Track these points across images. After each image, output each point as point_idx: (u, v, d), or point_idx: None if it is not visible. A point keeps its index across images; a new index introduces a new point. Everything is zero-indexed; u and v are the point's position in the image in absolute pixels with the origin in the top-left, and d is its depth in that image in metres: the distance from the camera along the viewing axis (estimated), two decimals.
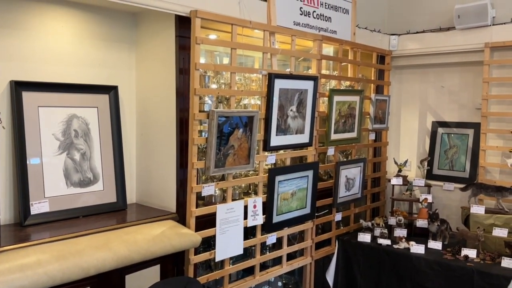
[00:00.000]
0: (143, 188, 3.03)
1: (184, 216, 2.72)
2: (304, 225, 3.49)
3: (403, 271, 3.46)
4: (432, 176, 4.27)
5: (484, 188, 3.60)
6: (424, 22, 4.26)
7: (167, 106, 2.77)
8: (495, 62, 3.84)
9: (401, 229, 3.71)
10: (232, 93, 2.83)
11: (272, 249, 3.43)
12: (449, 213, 4.06)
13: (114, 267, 2.20)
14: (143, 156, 3.02)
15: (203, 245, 3.10)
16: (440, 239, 3.64)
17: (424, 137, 4.47)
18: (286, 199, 3.27)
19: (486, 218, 3.50)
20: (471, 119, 4.15)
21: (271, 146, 3.10)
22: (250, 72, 3.25)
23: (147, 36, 2.93)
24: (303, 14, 3.38)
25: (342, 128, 3.73)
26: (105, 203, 2.75)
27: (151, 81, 2.93)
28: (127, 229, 2.45)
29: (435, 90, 4.38)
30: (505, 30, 3.75)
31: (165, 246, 2.41)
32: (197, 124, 2.62)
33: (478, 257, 3.32)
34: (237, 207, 2.90)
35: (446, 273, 3.26)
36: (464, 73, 4.19)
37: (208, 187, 2.71)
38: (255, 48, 3.05)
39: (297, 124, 3.28)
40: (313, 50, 3.48)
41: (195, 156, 2.63)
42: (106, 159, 2.77)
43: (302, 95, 3.27)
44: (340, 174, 3.70)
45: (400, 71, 4.56)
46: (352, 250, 3.75)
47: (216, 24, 2.86)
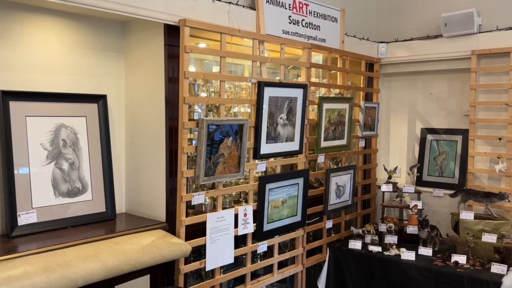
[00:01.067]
0: (132, 198, 3.01)
1: (174, 226, 2.70)
2: (295, 233, 3.48)
3: (394, 278, 3.47)
4: (421, 182, 4.30)
5: (473, 194, 3.63)
6: (412, 30, 4.31)
7: (156, 115, 2.76)
8: (482, 69, 3.89)
9: (391, 236, 3.72)
10: (222, 102, 2.83)
11: (263, 258, 3.42)
12: (439, 219, 4.09)
13: (103, 278, 2.18)
14: (132, 165, 3.00)
15: (194, 254, 3.08)
16: (430, 245, 3.66)
17: (413, 144, 4.50)
18: (277, 207, 3.27)
19: (476, 224, 3.52)
20: (460, 125, 4.19)
21: (261, 154, 3.11)
22: (239, 80, 3.26)
23: (136, 45, 2.93)
24: (292, 23, 3.40)
25: (332, 136, 3.74)
26: (94, 213, 2.72)
27: (140, 90, 2.92)
28: (116, 239, 2.43)
29: (424, 97, 4.42)
30: (491, 38, 3.80)
31: (155, 256, 2.39)
32: (186, 133, 2.62)
33: (468, 263, 3.34)
34: (228, 215, 2.89)
35: (436, 279, 3.27)
36: (452, 80, 4.24)
37: (198, 196, 2.70)
38: (244, 56, 3.06)
39: (287, 132, 3.29)
40: (302, 58, 3.50)
41: (184, 165, 2.62)
42: (95, 169, 2.75)
43: (291, 103, 3.29)
44: (331, 182, 3.71)
45: (389, 78, 4.60)
46: (343, 258, 3.75)
47: (205, 33, 2.86)
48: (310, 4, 3.57)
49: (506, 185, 3.75)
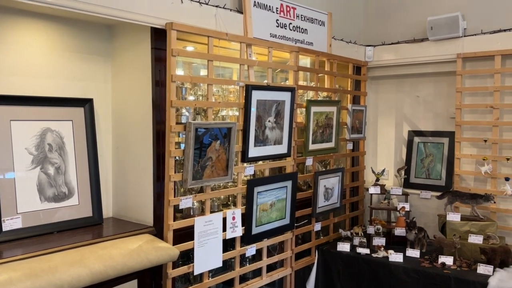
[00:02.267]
0: (119, 202, 2.99)
1: (161, 230, 2.69)
2: (283, 236, 3.49)
3: (382, 280, 3.48)
4: (409, 184, 4.33)
5: (459, 196, 3.67)
6: (399, 33, 4.35)
7: (143, 119, 2.75)
8: (467, 72, 3.94)
9: (379, 238, 3.73)
10: (209, 105, 2.83)
11: (252, 261, 3.41)
12: (426, 221, 4.12)
13: (89, 283, 2.16)
14: (120, 170, 2.98)
15: (182, 258, 3.07)
16: (418, 247, 3.68)
17: (400, 146, 4.54)
18: (265, 210, 3.27)
19: (462, 225, 3.56)
20: (446, 128, 4.24)
21: (249, 157, 3.11)
22: (227, 83, 3.26)
23: (123, 48, 2.91)
24: (279, 26, 3.41)
25: (320, 138, 3.76)
26: (81, 218, 2.70)
27: (127, 93, 2.90)
28: (103, 244, 2.41)
29: (411, 100, 4.46)
30: (476, 41, 3.85)
31: (142, 260, 2.38)
32: (173, 136, 2.61)
33: (455, 264, 3.37)
34: (216, 219, 2.88)
35: (424, 280, 3.29)
36: (438, 83, 4.28)
37: (185, 199, 2.69)
38: (232, 60, 3.06)
39: (275, 135, 3.29)
40: (290, 62, 3.52)
41: (172, 169, 2.61)
42: (81, 173, 2.73)
43: (279, 106, 3.29)
44: (319, 184, 3.72)
45: (376, 81, 4.64)
46: (332, 260, 3.76)
47: (193, 36, 2.86)
48: (298, 8, 3.58)
49: (492, 186, 3.79)
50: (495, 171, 3.76)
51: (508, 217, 3.77)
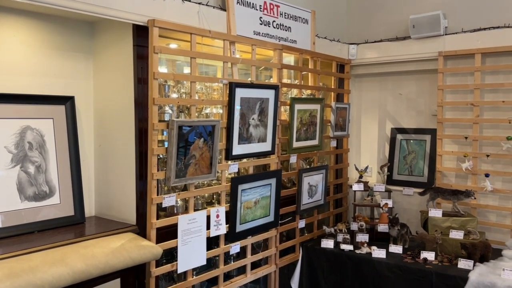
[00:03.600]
0: (102, 201, 2.96)
1: (144, 228, 2.67)
2: (268, 233, 3.50)
3: (365, 276, 3.52)
4: (392, 181, 4.38)
5: (441, 192, 3.72)
6: (382, 31, 4.39)
7: (125, 117, 2.73)
8: (449, 70, 3.99)
9: (363, 234, 3.77)
10: (193, 102, 2.82)
11: (237, 259, 3.42)
12: (409, 217, 4.17)
13: (70, 282, 2.13)
14: (102, 168, 2.95)
15: (166, 256, 3.06)
16: (400, 243, 3.73)
17: (383, 144, 4.58)
18: (250, 208, 3.27)
19: (444, 221, 3.61)
20: (428, 125, 4.29)
21: (233, 155, 3.11)
22: (210, 81, 3.25)
23: (105, 45, 2.88)
24: (263, 24, 3.41)
25: (304, 136, 3.77)
26: (62, 217, 2.67)
27: (109, 91, 2.88)
28: (85, 243, 2.38)
29: (394, 98, 4.51)
30: (457, 40, 3.91)
31: (125, 259, 2.36)
32: (156, 134, 2.59)
33: (437, 259, 3.41)
34: (200, 217, 2.88)
35: (406, 276, 3.33)
36: (421, 80, 4.33)
37: (169, 198, 2.67)
38: (215, 57, 3.06)
39: (259, 133, 3.30)
40: (274, 59, 3.52)
41: (155, 167, 2.60)
42: (62, 172, 2.70)
43: (263, 104, 3.30)
44: (303, 181, 3.74)
45: (359, 79, 4.67)
46: (316, 257, 3.78)
47: (176, 34, 2.84)
48: (281, 6, 3.59)
49: (472, 182, 3.85)
50: (475, 167, 3.82)
51: (488, 213, 3.84)
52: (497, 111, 3.79)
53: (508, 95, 3.71)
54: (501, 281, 2.93)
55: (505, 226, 3.74)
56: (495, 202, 3.81)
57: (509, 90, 3.71)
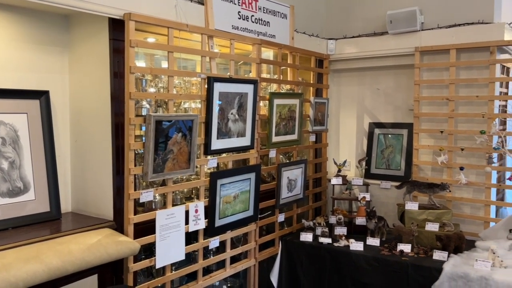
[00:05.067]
0: (78, 196, 2.93)
1: (122, 224, 2.65)
2: (247, 228, 3.51)
3: (343, 268, 3.56)
4: (370, 175, 4.44)
5: (417, 185, 3.78)
6: (360, 27, 4.43)
7: (102, 111, 2.69)
8: (425, 65, 4.05)
9: (341, 228, 3.82)
10: (170, 97, 2.80)
11: (216, 253, 3.42)
12: (386, 210, 4.23)
13: (46, 279, 2.11)
14: (78, 163, 2.91)
15: (145, 252, 3.05)
16: (378, 235, 3.79)
17: (362, 138, 4.64)
18: (229, 202, 3.28)
19: (420, 214, 3.68)
20: (405, 119, 4.36)
21: (212, 149, 3.10)
22: (188, 75, 3.23)
23: (80, 39, 2.84)
24: (241, 18, 3.41)
25: (283, 131, 3.79)
26: (38, 213, 2.63)
27: (85, 85, 2.84)
28: (61, 239, 2.36)
29: (372, 93, 4.56)
30: (433, 35, 3.97)
31: (102, 255, 2.34)
32: (133, 129, 2.57)
33: (413, 251, 3.48)
34: (178, 212, 2.87)
35: (383, 268, 3.39)
36: (398, 76, 4.39)
37: (146, 193, 2.66)
38: (193, 51, 3.04)
39: (238, 127, 3.30)
40: (252, 54, 3.52)
41: (131, 162, 2.58)
42: (37, 167, 2.65)
43: (242, 99, 3.30)
44: (282, 176, 3.76)
45: (338, 74, 4.71)
46: (295, 250, 3.82)
47: (154, 28, 2.82)
48: (260, 0, 3.58)
49: (448, 176, 3.93)
50: (450, 161, 3.90)
51: (462, 205, 3.93)
52: (471, 106, 3.87)
53: (482, 90, 3.79)
54: (474, 272, 3.01)
55: (478, 218, 3.83)
56: (469, 194, 3.90)
57: (483, 85, 3.79)
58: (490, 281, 2.91)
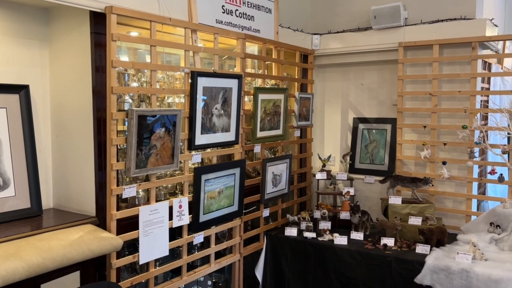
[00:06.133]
0: (60, 192, 2.89)
1: (104, 220, 2.63)
2: (232, 223, 3.50)
3: (327, 263, 3.58)
4: (354, 170, 4.46)
5: (400, 180, 3.82)
6: (344, 22, 4.44)
7: (83, 106, 2.66)
8: (408, 60, 4.08)
9: (325, 222, 3.84)
10: (153, 91, 2.77)
11: (201, 248, 3.41)
12: (370, 205, 4.26)
13: (25, 276, 2.07)
14: (60, 159, 2.87)
15: (129, 248, 3.02)
16: (362, 230, 3.82)
17: (346, 133, 4.66)
18: (213, 198, 3.27)
19: (403, 208, 3.71)
20: (389, 114, 4.39)
21: (196, 145, 3.08)
22: (171, 70, 3.20)
23: (61, 32, 2.79)
24: (225, 12, 3.38)
25: (268, 126, 3.79)
26: (18, 210, 2.58)
27: (66, 79, 2.79)
28: (41, 236, 2.32)
29: (356, 88, 4.58)
30: (416, 31, 4.00)
31: (83, 251, 2.31)
32: (115, 124, 2.54)
33: (396, 245, 3.51)
34: (162, 208, 2.85)
35: (367, 262, 3.42)
36: (382, 71, 4.41)
37: (129, 189, 2.64)
38: (176, 45, 3.01)
39: (222, 123, 3.29)
40: (237, 49, 3.50)
41: (114, 157, 2.55)
42: (17, 163, 2.60)
43: (226, 93, 3.28)
44: (267, 171, 3.76)
45: (323, 69, 4.72)
46: (280, 245, 3.82)
47: (137, 21, 2.79)
48: None
49: (431, 170, 3.98)
50: (433, 155, 3.94)
51: (445, 199, 3.98)
52: (453, 101, 3.91)
53: (464, 85, 3.84)
54: (455, 264, 3.05)
55: (460, 211, 3.89)
56: (452, 189, 3.95)
57: (465, 81, 3.83)
58: (471, 274, 2.96)
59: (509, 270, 2.92)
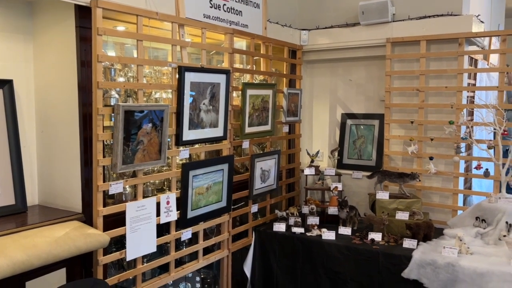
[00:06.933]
0: (46, 189, 2.85)
1: (91, 216, 2.60)
2: (220, 219, 3.50)
3: (315, 258, 3.60)
4: (342, 165, 4.48)
5: (388, 175, 3.84)
6: (332, 17, 4.43)
7: (69, 101, 2.62)
8: (396, 56, 4.10)
9: (313, 217, 3.85)
10: (139, 86, 2.74)
11: (189, 244, 3.40)
12: (358, 200, 4.28)
13: (10, 274, 2.04)
14: (45, 155, 2.83)
15: (116, 244, 3.00)
16: (349, 225, 3.84)
17: (334, 129, 4.67)
18: (201, 194, 3.25)
19: (390, 203, 3.73)
20: (377, 110, 4.40)
21: (183, 140, 3.06)
22: (158, 64, 3.17)
23: (45, 26, 2.74)
24: (213, 7, 3.36)
25: (256, 121, 3.78)
26: (2, 206, 2.54)
27: (51, 74, 2.75)
28: (26, 233, 2.29)
29: (344, 84, 4.59)
30: (404, 27, 4.02)
31: (69, 248, 2.29)
32: (101, 119, 2.51)
33: (383, 240, 3.54)
34: (149, 204, 2.83)
35: (354, 257, 3.43)
36: (370, 67, 4.42)
37: (115, 185, 2.61)
38: (163, 40, 2.98)
39: (210, 118, 3.27)
40: (225, 44, 3.48)
41: (100, 153, 2.52)
42: (1, 159, 2.56)
43: (214, 89, 3.26)
44: (255, 167, 3.76)
45: (311, 65, 4.71)
46: (268, 240, 3.83)
47: (123, 16, 2.75)
48: None
49: (418, 165, 4.00)
50: (420, 151, 3.96)
51: (432, 194, 4.01)
52: (440, 96, 3.94)
53: (451, 81, 3.86)
54: (441, 258, 3.08)
55: (447, 206, 3.92)
56: (438, 184, 3.98)
57: (452, 76, 3.86)
58: (457, 267, 2.99)
59: (494, 264, 2.96)
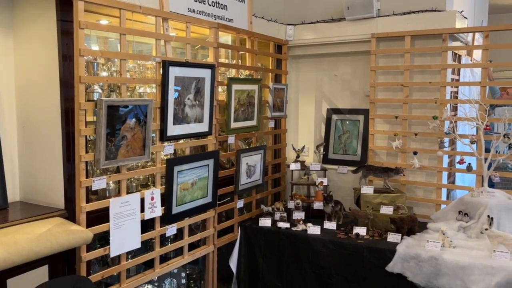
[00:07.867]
0: (27, 185, 2.81)
1: (74, 213, 2.57)
2: (206, 214, 3.49)
3: (301, 252, 3.61)
4: (327, 160, 4.50)
5: (372, 170, 3.86)
6: (318, 12, 4.43)
7: (50, 96, 2.58)
8: (381, 51, 4.12)
9: (299, 212, 3.86)
10: (122, 81, 2.71)
11: (174, 240, 3.38)
12: (343, 195, 4.30)
13: None
14: (26, 151, 2.79)
15: (100, 241, 2.97)
16: (334, 219, 3.86)
17: (320, 124, 4.68)
18: (186, 189, 3.24)
19: (375, 198, 3.76)
20: (362, 105, 4.42)
21: (168, 135, 3.04)
22: (141, 59, 3.13)
23: (26, 19, 2.69)
24: (197, 1, 3.33)
25: (242, 117, 3.77)
26: None
27: (32, 68, 2.70)
28: (6, 230, 2.26)
29: (329, 79, 4.59)
30: (389, 22, 4.03)
31: (51, 245, 2.26)
32: (83, 115, 2.48)
33: (368, 234, 3.56)
34: (133, 200, 2.81)
35: (339, 251, 3.45)
36: (355, 62, 4.44)
37: (99, 180, 2.58)
38: (146, 34, 2.95)
39: (195, 113, 3.25)
40: (210, 38, 3.46)
41: (82, 149, 2.49)
42: None
43: (199, 84, 3.24)
44: (241, 162, 3.75)
45: (297, 60, 4.71)
46: (254, 236, 3.83)
47: (108, 9, 2.71)
48: None
49: (402, 160, 4.04)
50: (405, 145, 4.00)
51: (416, 189, 4.05)
52: (424, 92, 3.97)
53: (435, 77, 3.90)
54: (425, 252, 3.11)
55: (430, 200, 3.97)
56: (422, 178, 4.02)
57: (436, 72, 3.89)
58: (440, 261, 3.03)
59: (476, 257, 3.00)
